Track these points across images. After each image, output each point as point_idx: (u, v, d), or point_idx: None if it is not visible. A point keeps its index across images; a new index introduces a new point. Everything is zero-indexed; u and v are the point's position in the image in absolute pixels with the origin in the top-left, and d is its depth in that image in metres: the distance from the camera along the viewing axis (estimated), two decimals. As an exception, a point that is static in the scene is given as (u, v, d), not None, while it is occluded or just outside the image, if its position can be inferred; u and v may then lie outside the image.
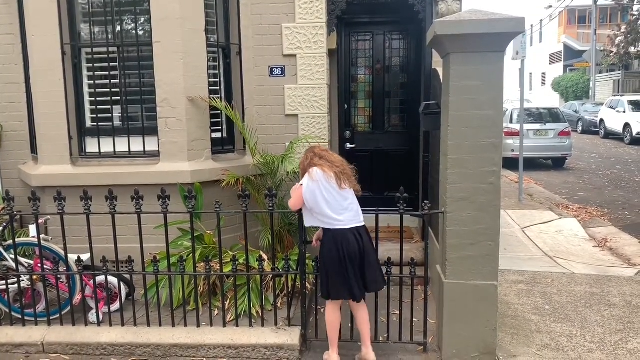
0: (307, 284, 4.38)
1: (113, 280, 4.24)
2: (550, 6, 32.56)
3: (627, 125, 18.86)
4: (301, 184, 3.49)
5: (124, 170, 4.78)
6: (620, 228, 7.87)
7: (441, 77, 4.38)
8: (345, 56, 6.33)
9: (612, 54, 27.80)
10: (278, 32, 5.13)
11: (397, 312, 4.05)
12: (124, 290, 4.34)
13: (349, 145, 6.33)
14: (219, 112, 5.02)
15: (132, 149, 4.90)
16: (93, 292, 4.09)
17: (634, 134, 18.34)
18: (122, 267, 4.07)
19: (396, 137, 6.24)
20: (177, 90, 4.67)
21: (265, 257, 4.28)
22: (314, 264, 3.87)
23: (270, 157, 4.73)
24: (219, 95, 5.02)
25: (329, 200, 3.43)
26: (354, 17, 6.08)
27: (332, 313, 3.61)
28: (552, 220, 8.13)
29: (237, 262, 3.97)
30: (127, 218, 3.94)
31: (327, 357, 3.69)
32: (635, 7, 26.45)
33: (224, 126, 5.24)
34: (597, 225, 8.04)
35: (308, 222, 3.60)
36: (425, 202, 3.75)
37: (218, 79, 5.10)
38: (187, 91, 4.69)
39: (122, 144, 4.91)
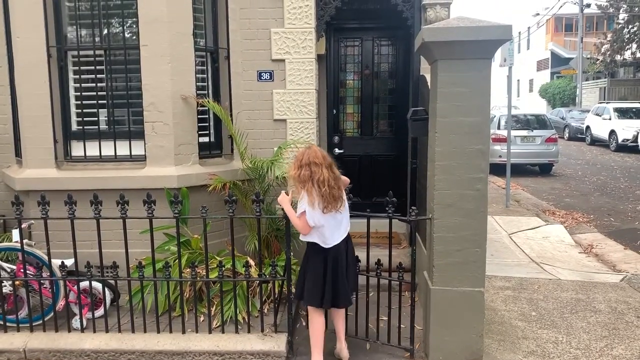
0: (294, 289, 4.36)
1: (97, 285, 4.19)
2: (538, 14, 32.95)
3: (612, 132, 19.09)
4: (302, 211, 3.42)
5: (109, 175, 4.73)
6: (606, 234, 7.94)
7: (429, 84, 4.40)
8: (334, 61, 6.33)
9: (598, 62, 28.21)
10: (267, 37, 5.12)
11: (385, 318, 4.05)
12: (108, 296, 4.28)
13: (337, 151, 6.33)
14: (206, 116, 4.99)
15: (118, 153, 4.85)
16: (77, 298, 4.03)
17: (619, 141, 18.57)
18: (107, 272, 4.02)
19: (384, 142, 6.25)
20: (164, 94, 4.64)
21: (252, 262, 4.26)
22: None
23: (259, 162, 4.71)
24: (206, 100, 4.98)
25: (329, 223, 3.46)
26: (343, 22, 6.09)
27: (315, 319, 3.62)
28: (538, 227, 8.18)
29: (223, 268, 3.94)
30: (112, 223, 3.89)
31: None
32: (621, 16, 26.88)
33: (212, 130, 5.21)
34: (583, 232, 8.11)
35: (307, 238, 3.56)
36: (413, 207, 3.75)
37: (206, 83, 5.07)
38: (175, 95, 4.66)
39: (108, 148, 4.86)
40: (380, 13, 5.96)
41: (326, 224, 3.42)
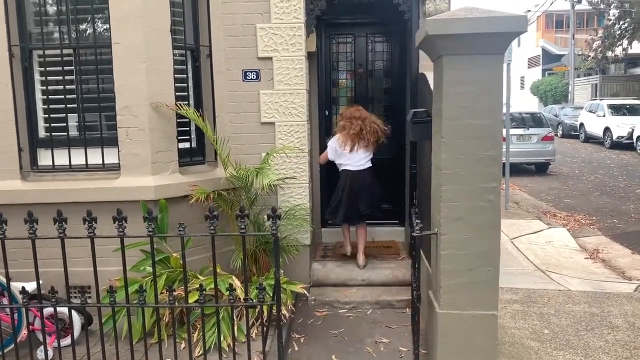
0: (284, 311, 3.96)
1: (65, 310, 3.75)
2: (529, 10, 32.72)
3: (607, 129, 18.85)
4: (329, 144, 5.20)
5: (80, 186, 4.30)
6: (611, 237, 7.61)
7: (430, 82, 4.01)
8: (325, 59, 5.93)
9: (589, 58, 28.00)
10: (252, 33, 4.71)
11: (385, 340, 3.66)
12: (78, 320, 3.87)
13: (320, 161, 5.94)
14: (188, 119, 4.57)
15: (89, 162, 4.42)
16: (41, 326, 3.60)
17: (614, 137, 18.34)
18: (76, 296, 3.60)
19: (380, 145, 5.82)
20: (139, 97, 4.21)
21: (237, 283, 3.85)
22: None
23: (244, 170, 4.30)
24: (187, 102, 4.57)
25: (347, 157, 5.07)
26: (335, 17, 5.68)
27: (343, 227, 5.36)
28: (541, 230, 7.84)
29: (204, 292, 3.52)
30: (83, 239, 3.47)
31: (341, 250, 5.45)
32: (612, 12, 26.69)
33: (193, 135, 4.79)
34: (586, 235, 7.78)
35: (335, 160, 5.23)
36: (417, 221, 3.35)
37: (186, 84, 4.65)
38: (151, 97, 4.23)
39: (78, 156, 4.43)
40: (375, 7, 5.56)
41: (343, 157, 5.07)
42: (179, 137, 4.54)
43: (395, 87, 5.95)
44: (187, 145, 4.69)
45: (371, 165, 5.13)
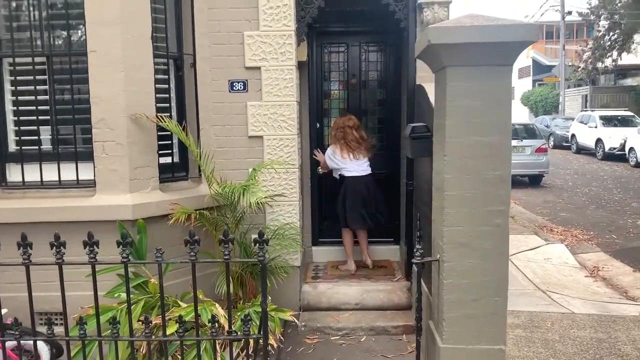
0: (272, 341, 3.66)
1: (31, 343, 3.42)
2: (519, 22, 32.71)
3: (599, 141, 18.77)
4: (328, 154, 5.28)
5: (52, 204, 3.98)
6: (610, 254, 7.38)
7: (429, 95, 3.75)
8: (317, 69, 5.66)
9: (579, 69, 28.07)
10: (239, 41, 4.43)
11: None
12: (47, 352, 3.53)
13: (321, 169, 5.65)
14: (169, 132, 4.27)
15: (63, 178, 4.10)
16: (4, 361, 3.27)
17: (606, 149, 18.26)
18: (46, 323, 3.26)
19: (374, 159, 5.54)
20: (116, 108, 3.91)
21: (220, 312, 3.54)
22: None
23: (229, 187, 4.00)
24: (169, 114, 4.26)
25: (348, 164, 5.18)
26: (327, 25, 5.43)
27: (346, 234, 5.35)
28: (539, 246, 7.59)
29: (184, 322, 3.20)
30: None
31: (346, 266, 5.34)
32: (602, 23, 26.80)
33: (176, 149, 4.49)
34: (585, 251, 7.54)
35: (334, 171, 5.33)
36: (418, 247, 3.07)
37: (168, 95, 4.34)
38: (129, 109, 3.93)
39: (51, 172, 4.10)
40: (369, 15, 5.31)
41: (347, 165, 5.17)
42: (160, 152, 4.23)
43: (390, 99, 5.69)
44: (168, 160, 4.38)
45: (371, 172, 5.25)
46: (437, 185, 3.05)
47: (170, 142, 4.38)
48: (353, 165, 5.13)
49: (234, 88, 4.47)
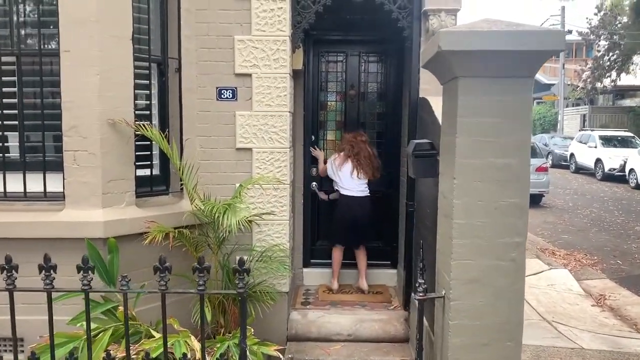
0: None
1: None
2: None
3: (598, 161, 18.52)
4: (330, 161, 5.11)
5: (16, 219, 3.60)
6: (616, 281, 7.03)
7: (434, 109, 3.41)
8: (313, 79, 5.33)
9: (578, 89, 27.98)
10: (229, 46, 4.09)
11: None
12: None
13: (315, 186, 5.29)
14: (149, 142, 3.90)
15: (29, 190, 3.71)
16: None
17: (605, 169, 18.00)
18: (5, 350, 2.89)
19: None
20: (90, 115, 3.55)
21: (196, 346, 3.15)
22: None
23: (209, 205, 3.63)
24: (149, 122, 3.90)
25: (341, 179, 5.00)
26: (325, 33, 5.10)
27: (336, 252, 5.08)
28: (541, 271, 7.23)
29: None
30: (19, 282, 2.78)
31: (329, 285, 5.15)
32: (601, 44, 26.75)
33: (156, 161, 4.12)
34: (590, 277, 7.18)
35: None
36: (420, 281, 2.69)
37: (149, 102, 3.99)
38: (105, 115, 3.57)
39: (16, 183, 3.72)
40: (369, 23, 4.98)
41: (346, 182, 4.96)
42: (138, 163, 3.86)
43: (389, 112, 5.36)
44: (147, 172, 4.01)
45: (369, 194, 5.02)
46: (444, 211, 2.69)
47: (149, 152, 4.01)
48: (353, 183, 4.93)
49: (222, 96, 4.12)
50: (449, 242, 2.56)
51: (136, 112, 3.80)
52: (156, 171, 4.12)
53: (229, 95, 4.12)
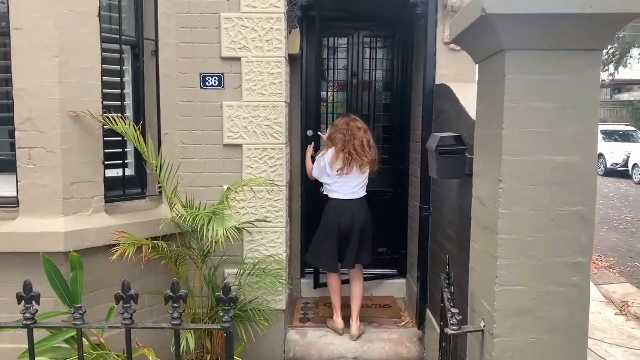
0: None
1: None
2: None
3: (600, 156, 18.02)
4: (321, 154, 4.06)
5: (-40, 229, 3.03)
6: (637, 285, 6.53)
7: (459, 97, 2.86)
8: (312, 66, 4.75)
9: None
10: (215, 25, 3.52)
11: None
12: None
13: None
14: (122, 138, 3.32)
15: (-23, 195, 3.14)
16: None
17: (608, 165, 17.55)
18: None
19: (377, 175, 4.59)
20: (48, 105, 2.97)
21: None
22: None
23: (191, 213, 3.06)
24: (121, 115, 3.32)
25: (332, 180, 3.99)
26: (326, 14, 4.50)
27: (331, 280, 4.02)
28: (557, 276, 6.70)
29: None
30: None
31: (331, 323, 4.02)
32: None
33: (131, 159, 3.55)
34: (608, 282, 6.67)
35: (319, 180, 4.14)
36: (454, 310, 2.14)
37: (121, 91, 3.40)
38: (66, 106, 3.00)
39: (-39, 186, 3.15)
40: (376, 3, 4.41)
41: (335, 181, 3.96)
42: (108, 162, 3.29)
43: (398, 103, 4.79)
44: (121, 173, 3.43)
45: (366, 194, 4.06)
46: (483, 222, 2.14)
47: (121, 150, 3.43)
48: (340, 183, 3.95)
49: (207, 84, 3.56)
50: (492, 262, 2.01)
51: (106, 102, 3.24)
52: (131, 172, 3.55)
53: (215, 83, 3.55)
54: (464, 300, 2.44)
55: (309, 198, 4.64)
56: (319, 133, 4.47)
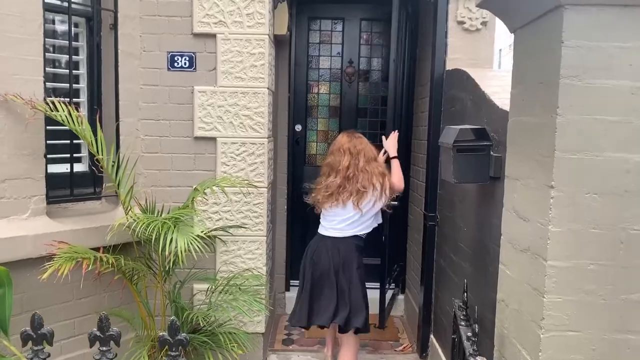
0: None
1: None
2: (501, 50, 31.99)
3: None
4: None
5: None
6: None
7: (479, 83, 2.34)
8: (301, 51, 4.22)
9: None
10: (186, -5, 2.97)
11: None
12: None
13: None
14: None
15: None
16: None
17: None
18: None
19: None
20: (-29, 83, 2.41)
21: None
22: None
23: (144, 219, 2.51)
24: (69, 100, 2.75)
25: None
26: (317, -8, 3.97)
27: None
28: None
29: None
30: None
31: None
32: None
33: (85, 152, 2.98)
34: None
35: None
36: (473, 350, 1.60)
37: (70, 70, 2.83)
38: (-3, 88, 2.44)
39: None
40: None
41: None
42: (54, 156, 2.74)
43: (398, 95, 4.24)
44: (67, 168, 2.86)
45: (359, 235, 2.92)
46: (519, 242, 1.61)
47: (71, 141, 2.86)
48: (327, 214, 2.91)
49: (176, 64, 3.00)
50: (535, 297, 1.48)
51: (55, 85, 2.70)
52: (83, 167, 2.99)
53: (185, 64, 3.00)
54: (481, 334, 1.92)
55: (296, 200, 4.09)
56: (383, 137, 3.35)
